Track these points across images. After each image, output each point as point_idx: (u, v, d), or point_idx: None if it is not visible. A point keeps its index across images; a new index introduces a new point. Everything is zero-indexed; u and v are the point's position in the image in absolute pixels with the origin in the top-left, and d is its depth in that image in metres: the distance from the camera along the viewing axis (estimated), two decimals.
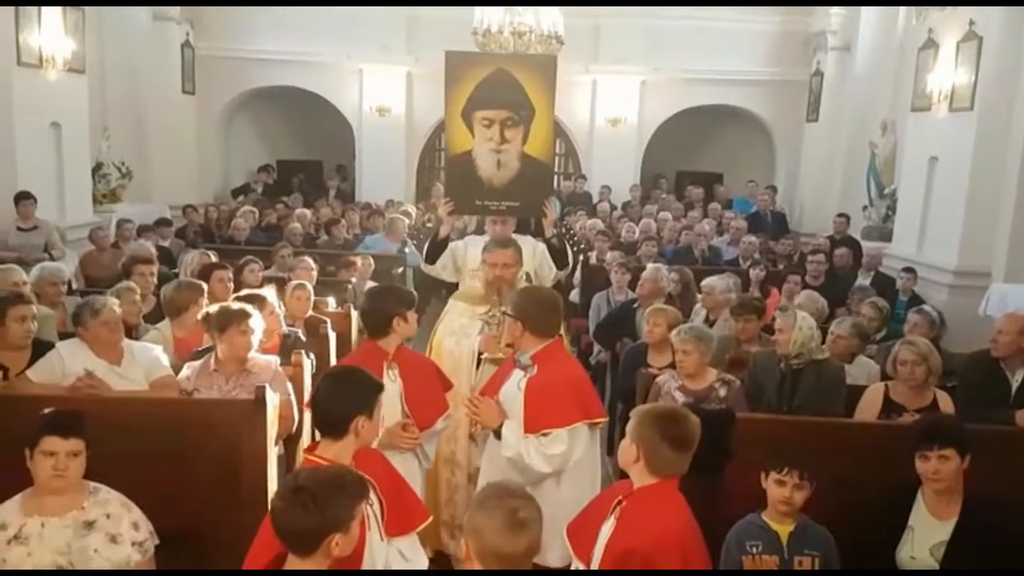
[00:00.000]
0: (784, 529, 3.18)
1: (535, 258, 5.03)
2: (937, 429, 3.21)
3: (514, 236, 5.01)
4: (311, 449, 2.81)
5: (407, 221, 10.51)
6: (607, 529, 2.79)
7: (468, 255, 4.99)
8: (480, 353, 4.50)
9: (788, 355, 4.50)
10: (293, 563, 2.37)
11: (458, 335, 4.71)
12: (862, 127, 11.84)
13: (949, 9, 8.87)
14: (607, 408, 6.43)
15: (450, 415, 3.97)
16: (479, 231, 9.98)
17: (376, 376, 3.12)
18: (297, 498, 2.29)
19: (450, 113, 4.96)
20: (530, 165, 4.90)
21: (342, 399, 2.77)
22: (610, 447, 6.17)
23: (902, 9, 10.99)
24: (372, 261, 8.19)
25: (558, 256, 5.07)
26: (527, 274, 4.93)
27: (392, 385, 3.67)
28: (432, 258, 5.06)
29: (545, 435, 3.45)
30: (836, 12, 12.82)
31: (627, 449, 2.79)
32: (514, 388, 3.65)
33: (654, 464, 2.73)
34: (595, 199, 13.75)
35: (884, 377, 4.69)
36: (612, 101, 14.03)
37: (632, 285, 7.16)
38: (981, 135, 8.30)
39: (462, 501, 4.54)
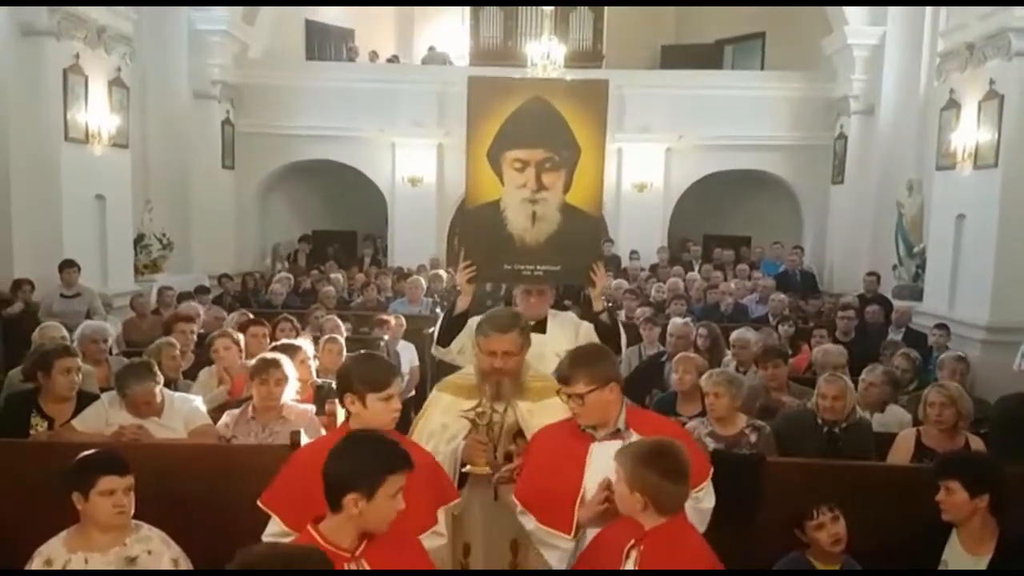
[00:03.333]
0: (830, 569, 3.20)
1: (579, 340, 3.95)
2: (944, 461, 3.31)
3: (552, 312, 4.11)
4: (316, 520, 2.50)
5: (424, 284, 10.62)
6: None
7: None
8: (463, 464, 3.31)
9: (839, 420, 4.48)
10: None
11: (437, 438, 3.43)
12: (888, 187, 11.90)
13: (969, 69, 9.01)
14: None
15: (438, 533, 3.03)
16: (505, 299, 9.92)
17: (403, 452, 2.68)
18: None
19: (473, 154, 3.95)
20: (574, 219, 3.91)
21: (340, 468, 2.45)
22: None
23: (923, 70, 11.18)
24: (404, 321, 8.33)
25: (608, 337, 3.95)
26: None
27: None
28: (446, 339, 4.03)
29: (700, 490, 3.06)
30: (858, 77, 13.03)
31: (629, 498, 2.65)
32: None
33: (662, 504, 2.62)
34: (623, 262, 13.89)
35: (916, 424, 4.67)
36: (638, 167, 14.26)
37: (661, 340, 7.21)
38: (1007, 190, 8.34)
39: None
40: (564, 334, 4.04)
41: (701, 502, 3.03)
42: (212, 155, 13.67)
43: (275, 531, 2.93)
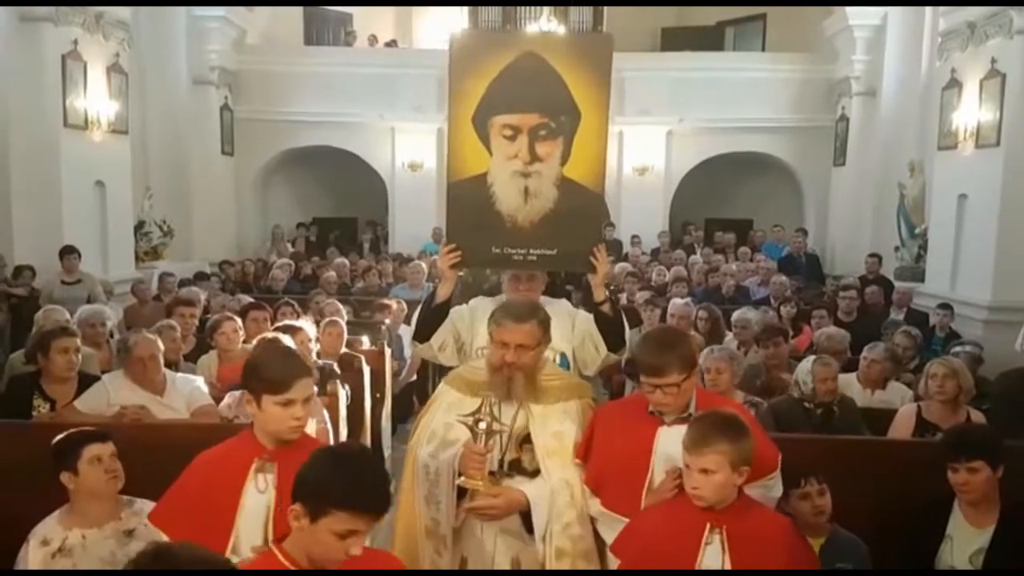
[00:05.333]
0: (816, 542, 3.17)
1: (576, 333, 3.59)
2: (965, 440, 3.20)
3: (545, 300, 3.63)
4: (279, 540, 2.21)
5: (425, 269, 10.59)
6: (715, 557, 2.52)
7: (476, 329, 3.52)
8: (459, 475, 2.91)
9: (830, 402, 4.50)
10: None
11: (439, 439, 3.03)
12: (890, 169, 11.88)
13: (971, 48, 8.96)
14: None
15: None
16: (492, 291, 9.82)
17: (233, 482, 2.57)
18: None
19: (456, 118, 3.41)
20: (572, 195, 3.40)
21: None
22: None
23: (925, 51, 11.14)
24: (405, 306, 8.33)
25: (611, 331, 3.53)
26: (562, 355, 3.54)
27: (260, 497, 2.64)
28: (424, 333, 3.54)
29: (771, 479, 2.92)
30: (859, 58, 12.98)
31: (731, 478, 2.48)
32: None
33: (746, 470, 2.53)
34: (624, 247, 13.87)
35: (917, 400, 4.68)
36: (638, 151, 14.24)
37: (662, 321, 7.20)
38: (1008, 169, 8.32)
39: None
40: (559, 324, 3.51)
41: (771, 490, 2.91)
42: (211, 142, 13.64)
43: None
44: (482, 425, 2.84)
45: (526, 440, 2.95)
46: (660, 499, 2.74)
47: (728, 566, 2.49)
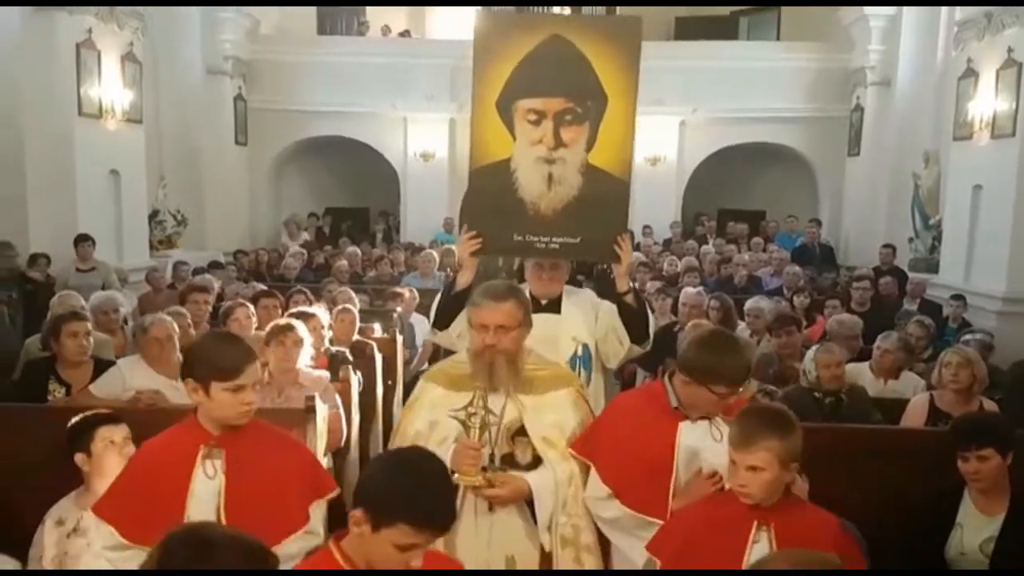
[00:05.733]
0: None
1: (599, 324, 3.55)
2: (975, 428, 3.19)
3: (568, 289, 3.63)
4: (339, 538, 2.13)
5: (437, 259, 10.61)
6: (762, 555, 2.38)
7: None
8: (452, 472, 2.65)
9: (839, 390, 4.48)
10: None
11: (424, 439, 2.89)
12: (904, 159, 11.82)
13: (988, 38, 8.89)
14: None
15: (311, 532, 2.72)
16: (520, 276, 9.79)
17: (180, 470, 2.54)
18: None
19: (480, 101, 3.34)
20: (597, 183, 3.33)
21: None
22: None
23: (940, 40, 11.06)
24: (417, 295, 8.35)
25: (635, 323, 3.47)
26: (584, 347, 3.51)
27: (210, 483, 2.60)
28: (444, 320, 3.52)
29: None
30: (874, 48, 12.89)
31: (781, 475, 2.41)
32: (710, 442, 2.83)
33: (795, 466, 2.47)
34: (636, 237, 13.85)
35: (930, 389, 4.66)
36: (651, 140, 14.17)
37: (673, 311, 7.19)
38: None
39: None
40: (582, 315, 3.53)
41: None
42: (224, 131, 13.69)
43: (111, 544, 2.60)
44: (476, 418, 2.77)
45: (518, 433, 2.86)
46: (694, 499, 2.67)
47: None
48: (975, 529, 3.14)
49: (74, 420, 3.19)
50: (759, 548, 2.43)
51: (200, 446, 2.61)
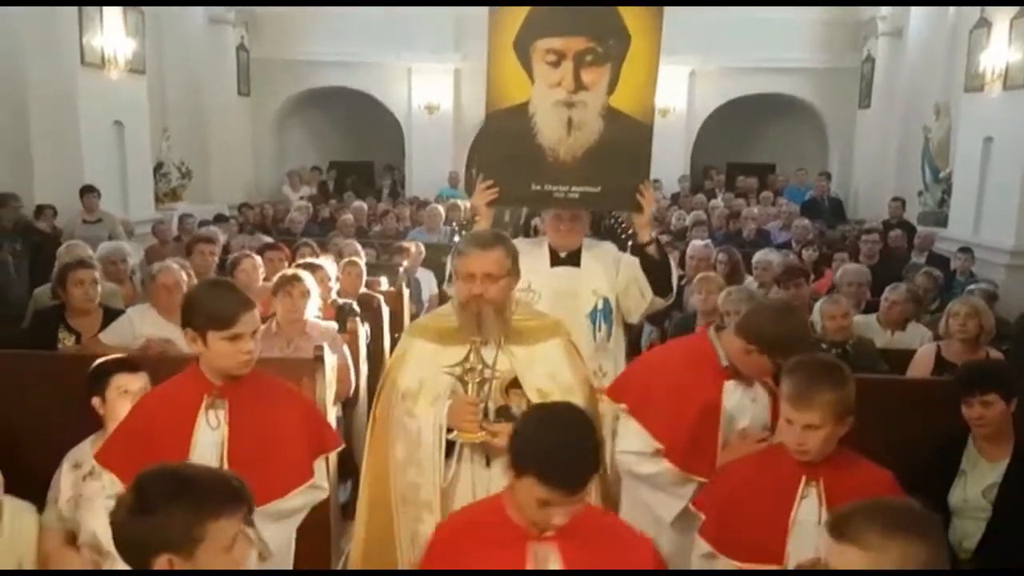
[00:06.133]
0: None
1: (620, 277, 3.45)
2: (978, 375, 3.20)
3: (588, 242, 3.52)
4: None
5: (443, 213, 10.54)
6: (811, 511, 2.41)
7: None
8: (449, 430, 2.70)
9: (845, 341, 4.47)
10: None
11: (413, 399, 2.79)
12: (915, 112, 11.67)
13: None
14: None
15: (316, 487, 2.73)
16: (524, 226, 9.68)
17: (183, 419, 2.52)
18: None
19: (496, 42, 3.20)
20: (619, 128, 3.19)
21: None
22: None
23: None
24: (423, 249, 8.34)
25: (658, 275, 3.38)
26: (605, 301, 3.41)
27: (213, 433, 2.60)
28: None
29: None
30: None
31: (837, 429, 2.37)
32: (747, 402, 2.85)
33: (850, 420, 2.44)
34: None
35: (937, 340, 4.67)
36: (661, 91, 13.85)
37: (680, 264, 7.18)
38: None
39: None
40: (602, 268, 3.41)
41: None
42: (227, 82, 13.57)
43: (114, 492, 2.54)
44: (474, 374, 2.70)
45: (511, 385, 2.77)
46: (738, 455, 2.64)
47: (826, 519, 2.22)
48: (978, 476, 3.16)
49: (96, 363, 3.18)
50: (808, 504, 2.39)
51: (203, 396, 2.60)
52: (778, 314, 2.77)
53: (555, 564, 2.09)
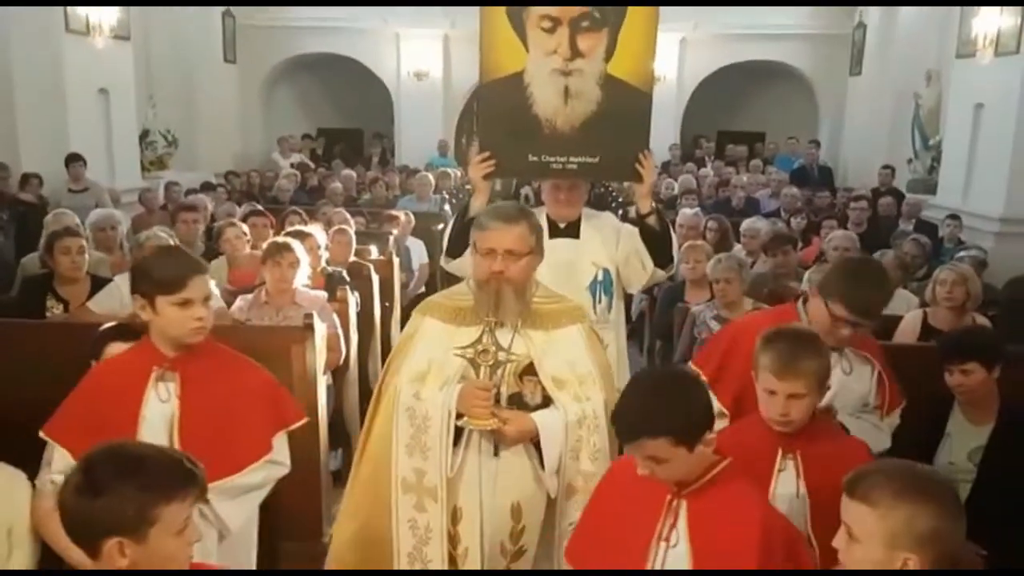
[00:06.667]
0: None
1: (620, 248, 3.40)
2: (958, 344, 3.23)
3: (588, 212, 3.47)
4: None
5: (433, 181, 10.48)
6: (789, 483, 2.37)
7: None
8: (459, 416, 2.55)
9: None
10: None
11: (423, 380, 2.64)
12: (907, 79, 11.64)
13: None
14: (646, 350, 6.54)
15: (275, 462, 2.67)
16: (516, 199, 9.18)
17: (131, 392, 2.47)
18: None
19: (489, 11, 3.11)
20: (618, 96, 3.10)
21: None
22: None
23: None
24: (413, 218, 8.31)
25: (658, 246, 3.32)
26: (605, 272, 3.37)
27: (162, 407, 2.53)
28: (457, 248, 3.29)
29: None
30: None
31: (811, 405, 2.36)
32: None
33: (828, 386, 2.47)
34: None
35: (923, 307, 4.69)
36: None
37: None
38: None
39: (436, 556, 2.62)
40: (602, 239, 3.35)
41: (895, 421, 2.96)
42: (213, 49, 13.42)
43: (62, 467, 2.49)
44: (487, 356, 2.56)
45: (526, 371, 2.61)
46: None
47: (803, 492, 2.35)
48: (963, 439, 3.20)
49: (101, 329, 3.14)
50: (786, 477, 2.38)
51: (152, 368, 2.53)
52: (873, 277, 2.81)
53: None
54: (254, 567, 2.83)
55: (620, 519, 2.20)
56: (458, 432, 2.56)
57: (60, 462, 2.53)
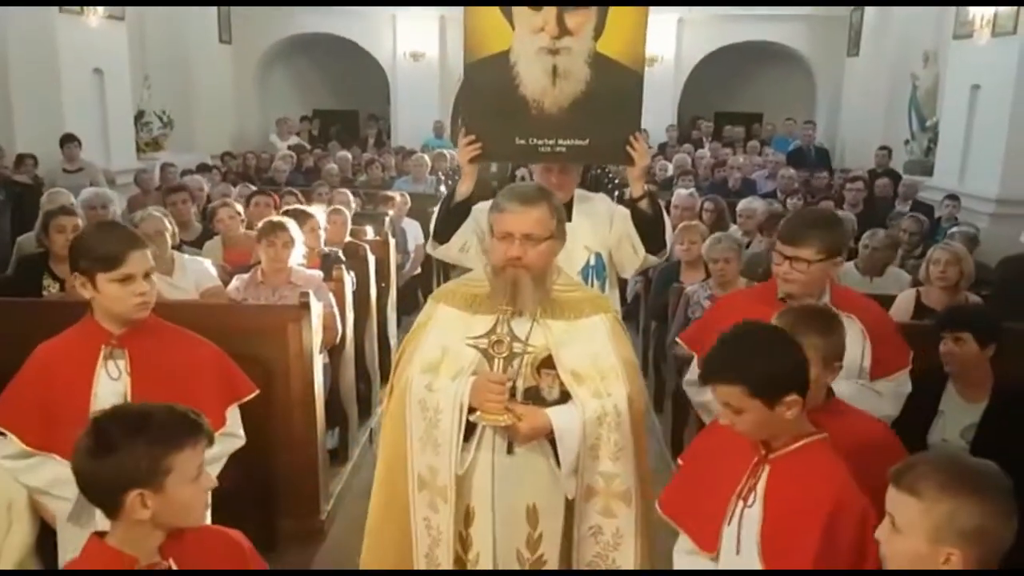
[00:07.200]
0: None
1: (612, 231, 3.25)
2: (954, 314, 3.28)
3: (580, 194, 3.33)
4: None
5: (429, 162, 10.44)
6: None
7: None
8: (471, 410, 2.40)
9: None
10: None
11: (435, 370, 2.50)
12: (904, 60, 11.63)
13: None
14: (641, 331, 6.57)
15: (230, 434, 2.64)
16: (501, 184, 9.53)
17: (81, 372, 2.45)
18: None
19: None
20: (608, 75, 2.98)
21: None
22: (643, 369, 6.27)
23: None
24: (408, 199, 8.31)
25: (650, 231, 3.18)
26: (597, 256, 3.23)
27: (114, 384, 2.50)
28: (445, 233, 3.16)
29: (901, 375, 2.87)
30: None
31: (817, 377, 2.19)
32: None
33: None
34: None
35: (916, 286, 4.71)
36: (648, 39, 13.78)
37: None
38: None
39: (445, 559, 2.51)
40: (595, 222, 3.22)
41: (902, 385, 2.85)
42: (208, 28, 13.35)
43: (12, 452, 2.49)
44: (502, 347, 2.37)
45: (544, 364, 2.45)
46: None
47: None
48: (956, 417, 3.22)
49: None
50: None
51: (100, 346, 2.50)
52: (795, 212, 2.92)
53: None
54: None
55: (711, 474, 2.20)
56: (471, 427, 2.42)
57: (9, 447, 2.50)
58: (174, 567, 1.82)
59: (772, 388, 1.97)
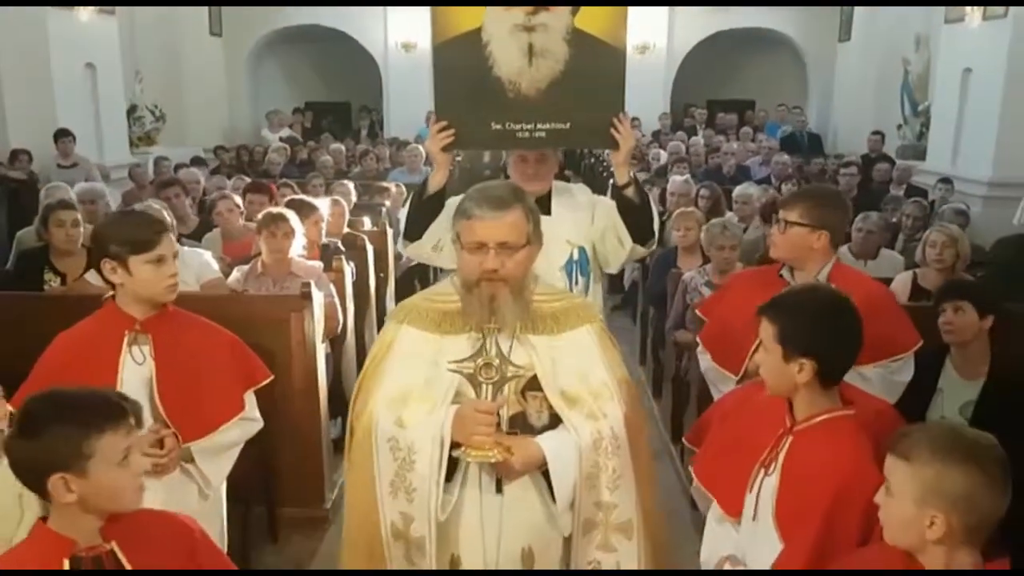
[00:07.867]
0: None
1: (596, 223, 3.05)
2: (953, 285, 3.33)
3: (560, 185, 3.13)
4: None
5: (423, 153, 10.47)
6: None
7: None
8: (455, 446, 2.10)
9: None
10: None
11: (404, 402, 2.17)
12: (896, 44, 11.66)
13: None
14: (639, 316, 6.60)
15: (248, 418, 2.69)
16: (494, 175, 9.53)
17: (106, 358, 2.46)
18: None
19: None
20: (588, 52, 2.73)
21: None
22: (641, 356, 6.31)
23: None
24: (404, 189, 8.31)
25: (637, 220, 2.95)
26: (580, 250, 3.02)
27: (139, 369, 2.52)
28: (416, 229, 2.91)
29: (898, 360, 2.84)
30: None
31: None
32: None
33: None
34: None
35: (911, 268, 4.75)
36: (640, 27, 13.82)
37: (661, 200, 7.21)
38: (1016, 41, 8.13)
39: None
40: (576, 215, 3.03)
41: (897, 373, 2.81)
42: (199, 21, 13.30)
43: None
44: (491, 371, 2.09)
45: (528, 386, 2.17)
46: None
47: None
48: (955, 394, 3.25)
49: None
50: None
51: (124, 332, 2.53)
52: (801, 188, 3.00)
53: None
54: (224, 521, 2.87)
55: (740, 442, 2.24)
56: (452, 464, 2.12)
57: None
58: (116, 550, 1.82)
59: (792, 342, 2.03)
